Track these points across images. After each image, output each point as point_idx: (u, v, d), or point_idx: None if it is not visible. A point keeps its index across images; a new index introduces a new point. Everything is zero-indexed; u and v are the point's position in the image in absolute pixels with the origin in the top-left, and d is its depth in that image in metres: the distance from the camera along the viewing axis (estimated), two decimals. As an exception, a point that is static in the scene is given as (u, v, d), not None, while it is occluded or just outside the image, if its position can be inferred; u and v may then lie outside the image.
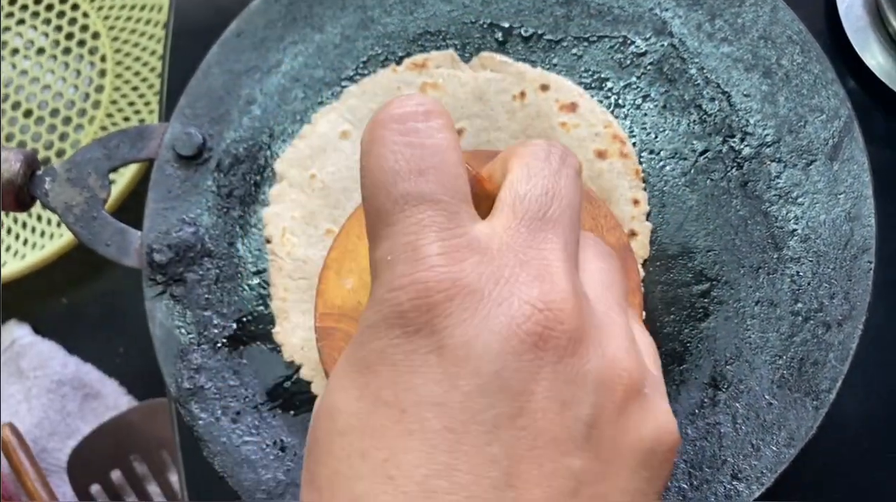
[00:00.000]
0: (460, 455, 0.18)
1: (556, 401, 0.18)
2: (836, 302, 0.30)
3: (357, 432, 0.19)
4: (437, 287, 0.18)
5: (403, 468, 0.18)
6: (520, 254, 0.19)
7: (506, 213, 0.20)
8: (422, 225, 0.19)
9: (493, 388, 0.18)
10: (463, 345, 0.18)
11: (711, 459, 0.29)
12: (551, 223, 0.20)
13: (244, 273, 0.33)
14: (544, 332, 0.18)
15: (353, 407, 0.19)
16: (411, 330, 0.18)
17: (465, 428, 0.18)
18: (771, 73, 0.32)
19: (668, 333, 0.31)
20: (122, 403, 0.72)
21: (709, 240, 0.31)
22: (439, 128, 0.20)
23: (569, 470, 0.18)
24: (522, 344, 0.18)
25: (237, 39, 0.35)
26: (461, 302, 0.18)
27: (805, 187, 0.31)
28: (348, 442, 0.19)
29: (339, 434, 0.19)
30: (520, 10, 0.34)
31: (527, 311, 0.18)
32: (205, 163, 0.34)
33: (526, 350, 0.18)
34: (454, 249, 0.19)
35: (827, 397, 0.29)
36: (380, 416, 0.18)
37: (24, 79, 0.71)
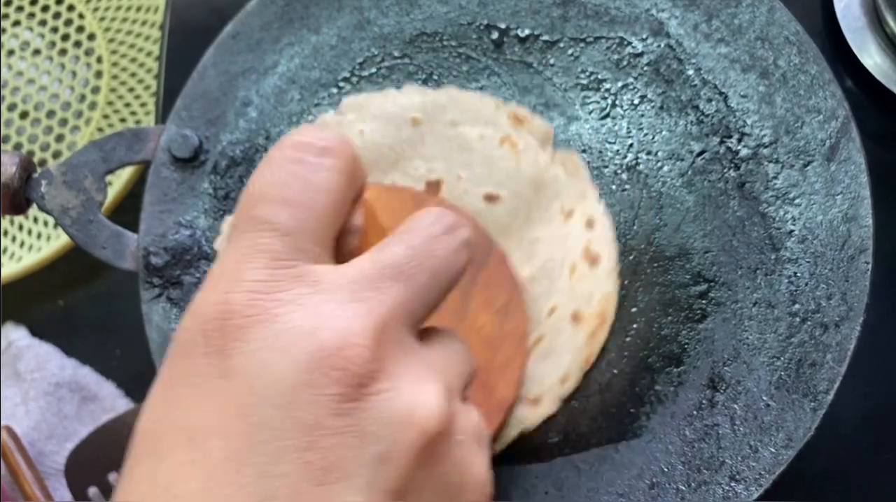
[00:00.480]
0: (238, 489, 0.17)
1: (349, 437, 0.18)
2: (833, 303, 0.30)
3: (147, 453, 0.19)
4: (242, 311, 0.18)
5: (183, 496, 0.18)
6: (352, 294, 0.19)
7: (367, 256, 0.20)
8: (257, 249, 0.19)
9: (281, 420, 0.18)
10: (255, 374, 0.18)
11: (710, 460, 0.29)
12: (404, 276, 0.20)
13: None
14: (347, 367, 0.18)
15: (148, 427, 0.19)
16: (211, 351, 0.18)
17: (247, 460, 0.17)
18: (768, 74, 0.32)
19: (666, 335, 0.31)
20: (119, 405, 0.72)
21: (706, 242, 0.31)
22: (328, 168, 0.20)
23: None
24: (321, 377, 0.18)
25: (233, 41, 0.35)
26: (263, 329, 0.18)
27: (802, 188, 0.31)
28: (139, 460, 0.19)
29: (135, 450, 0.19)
30: (516, 12, 0.34)
31: (333, 344, 0.18)
32: (201, 166, 0.34)
33: (324, 384, 0.18)
34: (279, 278, 0.19)
35: (825, 398, 0.29)
36: (170, 440, 0.18)
37: (20, 80, 0.71)
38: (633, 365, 0.30)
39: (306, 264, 0.19)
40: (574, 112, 0.33)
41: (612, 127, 0.32)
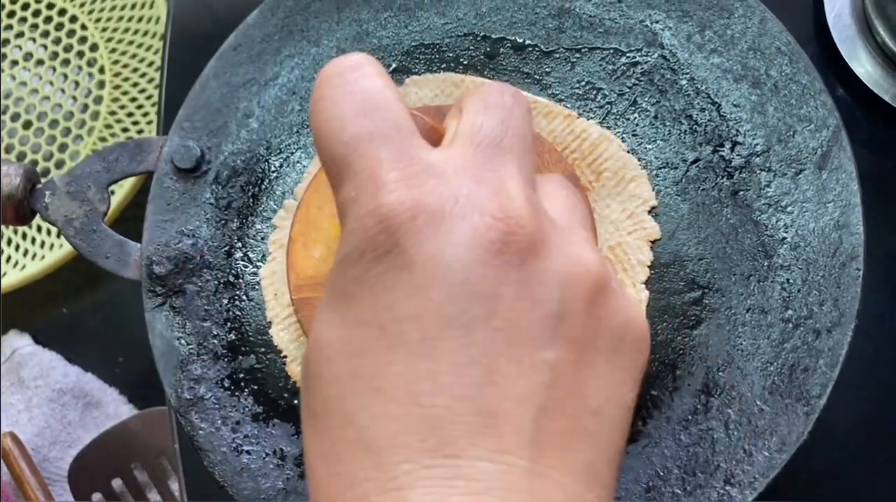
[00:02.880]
0: (441, 360, 0.19)
1: (525, 300, 0.19)
2: (825, 309, 0.30)
3: (343, 355, 0.20)
4: (399, 208, 0.19)
5: (388, 379, 0.19)
6: (477, 175, 0.20)
7: (462, 141, 0.21)
8: (377, 158, 0.20)
9: (463, 295, 0.19)
10: (430, 260, 0.19)
11: (704, 464, 0.30)
12: (506, 150, 0.21)
13: (243, 284, 0.33)
14: (506, 238, 0.19)
15: (336, 334, 0.20)
16: (381, 252, 0.19)
17: (442, 335, 0.19)
18: (760, 84, 0.32)
19: (661, 341, 0.31)
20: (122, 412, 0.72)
21: (700, 249, 0.32)
22: (371, 75, 0.21)
23: (545, 363, 0.19)
24: (487, 251, 0.19)
25: (234, 53, 0.35)
26: (425, 220, 0.19)
27: (794, 196, 0.31)
28: (336, 366, 0.20)
29: (326, 361, 0.20)
30: (513, 23, 0.34)
31: (487, 222, 0.19)
32: (203, 176, 0.34)
33: (491, 257, 0.19)
34: (411, 176, 0.20)
35: (817, 403, 0.29)
36: (362, 337, 0.20)
37: (24, 90, 0.71)
38: (628, 370, 0.31)
39: (422, 156, 0.21)
40: (570, 121, 0.33)
41: (608, 136, 0.33)
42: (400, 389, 0.19)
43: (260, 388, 0.32)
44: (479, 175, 0.20)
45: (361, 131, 0.20)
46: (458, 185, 0.20)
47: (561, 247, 0.20)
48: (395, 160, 0.20)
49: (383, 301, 0.19)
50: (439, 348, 0.19)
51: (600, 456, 0.20)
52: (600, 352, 0.20)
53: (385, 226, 0.19)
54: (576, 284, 0.20)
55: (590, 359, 0.20)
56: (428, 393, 0.19)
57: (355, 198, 0.20)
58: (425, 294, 0.19)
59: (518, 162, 0.21)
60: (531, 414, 0.19)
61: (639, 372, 0.22)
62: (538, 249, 0.20)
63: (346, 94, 0.21)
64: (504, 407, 0.19)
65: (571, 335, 0.20)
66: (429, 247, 0.19)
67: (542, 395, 0.19)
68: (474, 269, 0.19)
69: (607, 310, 0.21)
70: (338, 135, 0.21)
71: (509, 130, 0.21)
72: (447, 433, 0.18)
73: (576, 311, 0.20)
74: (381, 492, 0.18)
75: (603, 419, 0.20)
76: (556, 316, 0.20)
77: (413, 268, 0.19)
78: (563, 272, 0.20)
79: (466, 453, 0.18)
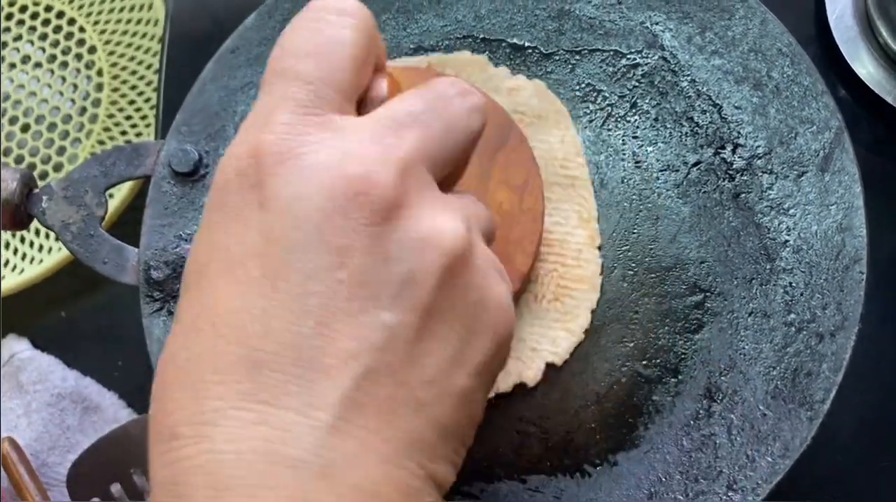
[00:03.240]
0: (275, 302, 0.19)
1: (376, 258, 0.19)
2: (828, 312, 0.30)
3: (193, 277, 0.20)
4: (272, 149, 0.20)
5: (223, 315, 0.19)
6: (374, 136, 0.20)
7: (384, 108, 0.21)
8: (284, 98, 0.20)
9: (312, 242, 0.19)
10: (287, 202, 0.19)
11: (707, 470, 0.29)
12: (420, 124, 0.21)
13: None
14: (369, 192, 0.19)
15: (196, 254, 0.21)
16: (244, 185, 0.20)
17: (282, 278, 0.19)
18: (761, 86, 0.32)
19: (663, 345, 0.31)
20: (121, 416, 0.72)
21: (702, 252, 0.31)
22: (346, 26, 0.21)
23: (384, 324, 0.19)
24: (347, 202, 0.19)
25: (232, 56, 0.35)
26: (292, 165, 0.20)
27: (797, 198, 0.31)
28: (186, 286, 0.21)
29: (187, 274, 0.21)
30: (512, 25, 0.34)
31: (357, 172, 0.19)
32: (201, 180, 0.34)
33: (350, 208, 0.19)
34: (303, 123, 0.20)
35: (821, 407, 0.29)
36: (213, 265, 0.20)
37: (21, 93, 0.71)
38: (630, 375, 0.31)
39: (330, 113, 0.21)
40: (570, 124, 0.33)
41: (608, 138, 0.33)
42: (230, 325, 0.19)
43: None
44: (377, 137, 0.20)
45: (294, 67, 0.21)
46: (346, 141, 0.20)
47: (423, 215, 0.20)
48: (299, 105, 0.20)
49: (235, 233, 0.20)
50: (277, 290, 0.19)
51: (431, 428, 0.20)
52: (450, 326, 0.20)
53: (252, 161, 0.20)
54: (432, 251, 0.20)
55: (435, 330, 0.20)
56: (256, 335, 0.19)
57: (245, 127, 0.21)
58: (275, 233, 0.19)
59: (424, 139, 0.21)
60: (354, 373, 0.19)
61: (484, 361, 0.21)
62: (399, 212, 0.20)
63: (311, 29, 0.21)
64: (326, 362, 0.19)
65: (418, 302, 0.20)
66: (289, 190, 0.19)
67: (373, 357, 0.19)
68: (329, 218, 0.19)
69: (465, 286, 0.20)
70: (277, 60, 0.21)
71: (429, 110, 0.21)
72: (264, 378, 0.19)
73: (427, 279, 0.20)
74: (188, 424, 0.19)
75: (439, 392, 0.20)
76: (405, 279, 0.19)
77: (269, 207, 0.19)
78: (421, 238, 0.20)
79: (277, 401, 0.18)
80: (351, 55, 0.21)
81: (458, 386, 0.20)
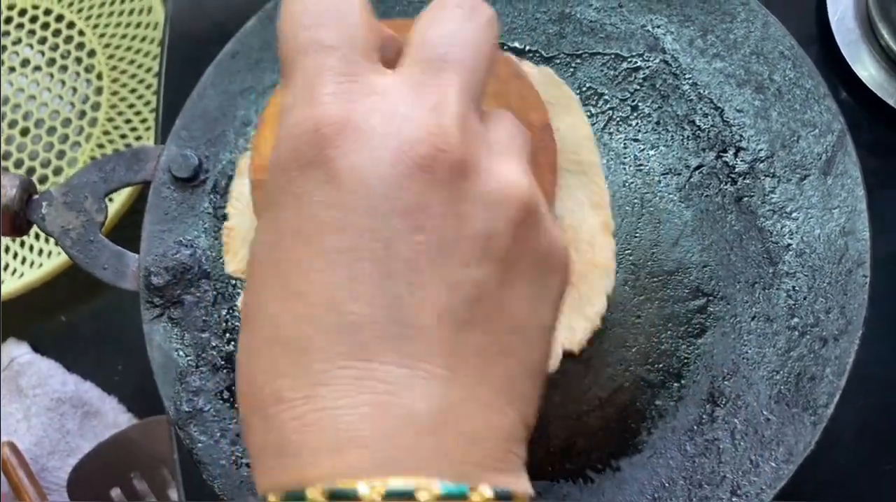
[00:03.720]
0: (361, 269, 0.19)
1: (452, 217, 0.20)
2: (832, 316, 0.30)
3: (271, 260, 0.20)
4: (328, 121, 0.20)
5: (309, 285, 0.19)
6: (417, 91, 0.20)
7: (408, 59, 0.21)
8: (319, 69, 0.20)
9: (386, 208, 0.19)
10: (354, 172, 0.19)
11: (711, 475, 0.29)
12: (453, 64, 0.21)
13: (241, 294, 0.33)
14: (436, 154, 0.19)
15: (265, 240, 0.21)
16: (306, 162, 0.20)
17: (364, 246, 0.19)
18: (763, 89, 0.32)
19: (666, 350, 0.31)
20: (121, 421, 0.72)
21: (704, 256, 0.31)
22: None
23: (470, 279, 0.20)
24: (414, 166, 0.19)
25: (232, 60, 0.35)
26: (352, 133, 0.19)
27: (799, 202, 0.31)
28: (263, 272, 0.21)
29: (259, 264, 0.21)
30: (513, 29, 0.34)
31: (418, 136, 0.19)
32: (201, 185, 0.34)
33: (417, 171, 0.19)
34: (349, 90, 0.20)
35: (825, 412, 0.29)
36: (288, 245, 0.20)
37: (21, 97, 0.71)
38: (633, 380, 0.31)
39: (366, 75, 0.21)
40: (571, 127, 0.33)
41: (609, 142, 0.33)
42: (320, 295, 0.19)
43: (259, 400, 0.32)
44: (419, 91, 0.20)
45: (315, 38, 0.21)
46: (395, 103, 0.20)
47: (490, 169, 0.20)
48: (338, 73, 0.20)
49: (308, 211, 0.20)
50: (360, 258, 0.19)
51: (521, 372, 0.21)
52: (524, 273, 0.21)
53: (312, 137, 0.20)
54: (504, 204, 0.20)
55: (513, 278, 0.20)
56: (345, 300, 0.19)
57: (291, 105, 0.20)
58: (348, 205, 0.19)
59: (464, 77, 0.21)
60: (450, 328, 0.19)
61: (558, 295, 0.22)
62: (467, 169, 0.20)
63: (313, 2, 0.21)
64: (422, 319, 0.19)
65: (497, 254, 0.20)
66: (353, 159, 0.19)
67: (465, 310, 0.19)
68: (399, 184, 0.19)
69: (534, 233, 0.21)
70: (292, 37, 0.21)
71: (457, 44, 0.21)
72: (362, 338, 0.19)
73: (502, 231, 0.20)
74: (293, 388, 0.19)
75: (524, 336, 0.21)
76: (484, 234, 0.20)
77: (337, 179, 0.19)
78: (492, 192, 0.20)
79: (380, 358, 0.19)
80: (360, 9, 0.21)
81: (541, 326, 0.21)
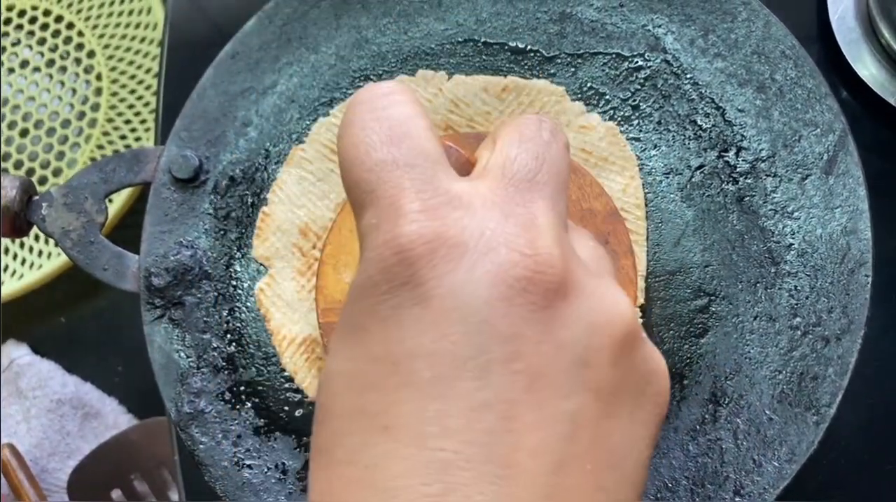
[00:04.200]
0: (452, 402, 0.18)
1: (549, 344, 0.18)
2: (834, 316, 0.30)
3: (351, 391, 0.19)
4: (419, 240, 0.18)
5: (396, 418, 0.18)
6: (505, 210, 0.19)
7: (493, 174, 0.20)
8: (401, 187, 0.19)
9: (482, 335, 0.18)
10: (449, 295, 0.18)
11: (713, 476, 0.29)
12: (540, 185, 0.20)
13: (242, 295, 0.33)
14: (534, 277, 0.18)
15: (347, 367, 0.19)
16: (397, 284, 0.19)
17: (455, 375, 0.18)
18: (765, 88, 0.32)
19: (668, 349, 0.31)
20: (122, 422, 0.72)
21: (706, 256, 0.31)
22: (402, 103, 0.21)
23: (567, 413, 0.18)
24: (511, 289, 0.18)
25: (232, 61, 0.35)
26: (445, 253, 0.18)
27: (801, 201, 0.31)
28: (344, 401, 0.19)
29: (335, 396, 0.19)
30: (513, 28, 0.34)
31: (514, 258, 0.18)
32: (201, 186, 0.34)
33: (515, 295, 0.18)
34: (435, 206, 0.19)
35: (827, 412, 0.29)
36: (372, 372, 0.19)
37: (20, 98, 0.71)
38: (635, 380, 0.30)
39: (448, 186, 0.20)
40: (572, 127, 0.33)
41: (611, 142, 0.33)
42: (407, 429, 0.18)
43: (261, 401, 0.32)
44: (508, 209, 0.19)
45: (387, 158, 0.20)
46: (484, 219, 0.19)
47: (591, 292, 0.19)
48: (419, 190, 0.19)
49: (395, 336, 0.18)
50: (452, 389, 0.18)
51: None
52: (624, 404, 0.19)
53: (402, 257, 0.18)
54: (605, 331, 0.19)
55: (612, 410, 0.19)
56: (436, 435, 0.18)
57: (375, 226, 0.19)
58: (440, 331, 0.18)
59: (551, 199, 0.20)
60: (547, 469, 0.18)
61: (657, 426, 0.21)
62: (567, 291, 0.19)
63: (374, 119, 0.20)
64: (518, 458, 0.18)
65: (596, 385, 0.19)
66: (447, 281, 0.18)
67: (561, 449, 0.18)
68: (495, 307, 0.18)
69: (635, 361, 0.20)
70: (363, 161, 0.20)
71: (544, 166, 0.20)
72: (454, 479, 0.17)
73: (602, 360, 0.19)
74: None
75: (621, 475, 0.19)
76: (582, 363, 0.19)
77: (429, 302, 0.18)
78: (593, 317, 0.19)
79: (472, 500, 0.17)
80: (424, 125, 0.21)
81: (639, 462, 0.20)
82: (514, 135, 0.21)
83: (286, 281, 0.32)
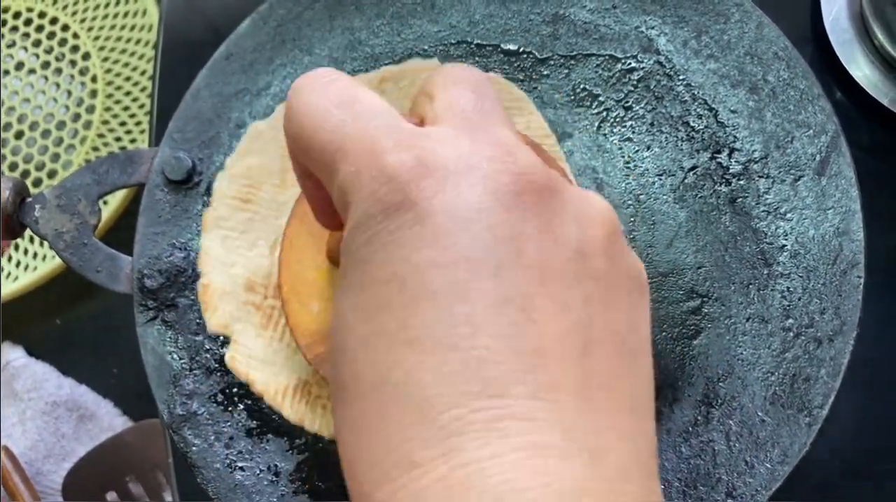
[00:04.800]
0: (474, 302, 0.18)
1: (549, 240, 0.19)
2: (826, 317, 0.30)
3: (364, 319, 0.19)
4: (403, 167, 0.19)
5: (418, 330, 0.18)
6: (471, 136, 0.20)
7: (444, 116, 0.21)
8: (369, 134, 0.20)
9: (487, 239, 0.19)
10: (444, 211, 0.19)
11: (706, 477, 0.29)
12: (489, 112, 0.21)
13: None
14: (520, 180, 0.19)
15: (355, 301, 0.19)
16: (391, 209, 0.19)
17: (471, 278, 0.18)
18: (757, 90, 0.32)
19: (661, 351, 0.31)
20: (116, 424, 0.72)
21: (699, 257, 0.31)
22: (341, 78, 0.22)
23: (578, 300, 0.19)
24: (503, 194, 0.19)
25: (226, 62, 0.35)
26: (431, 174, 0.19)
27: (793, 203, 0.31)
28: (359, 331, 0.19)
29: (349, 331, 0.19)
30: (506, 30, 0.34)
31: (497, 167, 0.19)
32: (195, 188, 0.34)
33: (508, 199, 0.19)
34: (408, 140, 0.20)
35: (819, 413, 0.29)
36: (382, 295, 0.19)
37: (15, 100, 0.71)
38: (628, 381, 0.30)
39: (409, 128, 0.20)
40: (566, 128, 0.33)
41: (603, 143, 0.33)
42: (433, 337, 0.18)
43: (253, 403, 0.32)
44: (473, 136, 0.20)
45: (346, 116, 0.20)
46: (455, 146, 0.20)
47: (571, 191, 0.20)
48: (387, 132, 0.20)
49: (398, 255, 0.19)
50: (471, 291, 0.18)
51: (641, 392, 0.20)
52: (620, 289, 0.20)
53: (392, 184, 0.19)
54: (593, 224, 0.20)
55: (612, 296, 0.20)
56: (466, 335, 0.18)
57: (356, 172, 0.20)
58: (445, 243, 0.18)
59: (503, 122, 0.21)
60: (575, 353, 0.18)
61: (648, 310, 0.22)
62: (552, 191, 0.20)
63: (323, 93, 0.21)
64: (546, 344, 0.18)
65: (595, 274, 0.20)
66: (438, 200, 0.19)
67: (582, 334, 0.19)
68: (493, 213, 0.19)
69: (621, 251, 0.21)
70: (322, 126, 0.20)
71: (485, 96, 0.21)
72: (491, 373, 0.18)
73: (596, 251, 0.20)
74: (426, 448, 0.17)
75: (636, 355, 0.20)
76: (580, 254, 0.19)
77: (426, 219, 0.19)
78: (580, 212, 0.20)
79: (512, 393, 0.17)
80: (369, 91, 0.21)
81: (646, 340, 0.21)
82: (448, 80, 0.22)
83: (251, 340, 0.31)
